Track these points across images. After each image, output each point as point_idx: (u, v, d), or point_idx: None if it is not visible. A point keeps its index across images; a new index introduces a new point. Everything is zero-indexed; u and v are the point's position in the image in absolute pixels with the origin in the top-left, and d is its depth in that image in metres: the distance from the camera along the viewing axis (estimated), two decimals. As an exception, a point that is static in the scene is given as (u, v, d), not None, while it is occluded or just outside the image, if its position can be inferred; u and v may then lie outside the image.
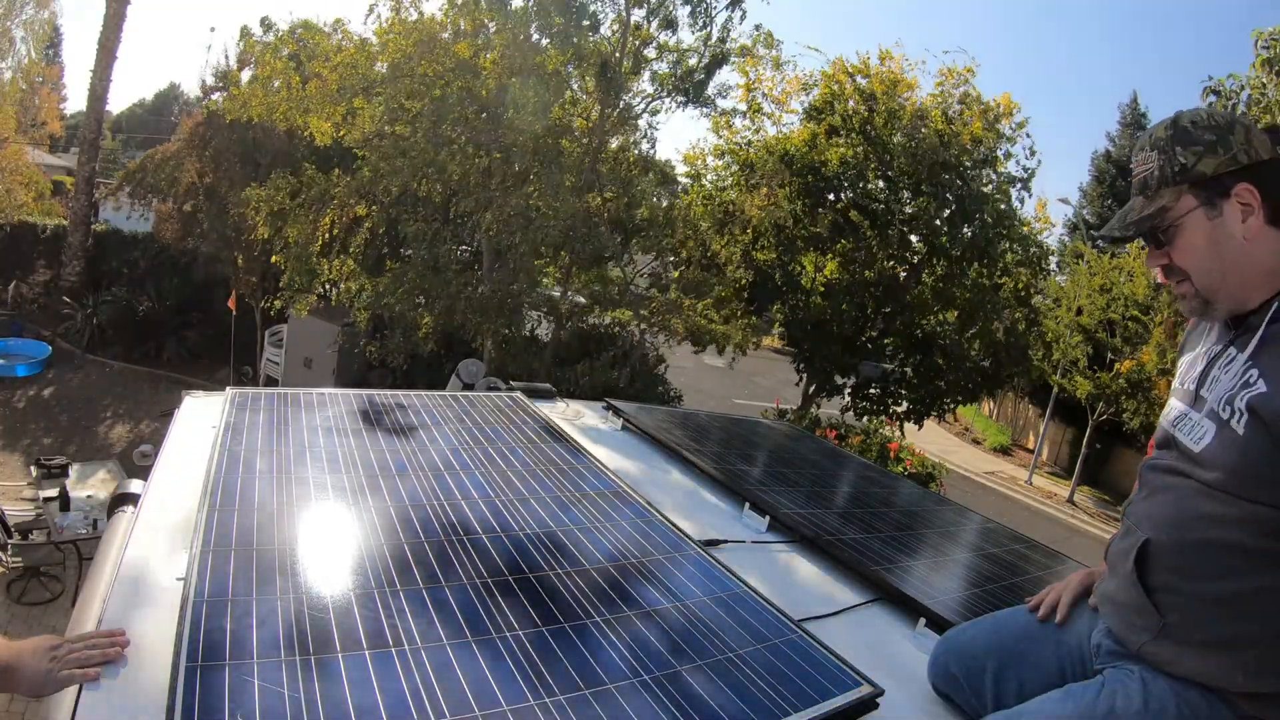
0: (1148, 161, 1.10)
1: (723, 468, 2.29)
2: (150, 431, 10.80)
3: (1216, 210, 1.04)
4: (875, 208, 9.77)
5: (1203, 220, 1.05)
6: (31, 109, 15.94)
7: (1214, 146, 1.04)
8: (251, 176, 11.04)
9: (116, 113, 31.56)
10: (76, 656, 0.95)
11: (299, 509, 1.39)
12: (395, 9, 8.65)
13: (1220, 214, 1.04)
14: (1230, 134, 1.04)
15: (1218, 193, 1.04)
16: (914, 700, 1.30)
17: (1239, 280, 1.04)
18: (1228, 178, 1.03)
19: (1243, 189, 1.02)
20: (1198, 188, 1.05)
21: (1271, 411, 0.94)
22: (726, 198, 10.30)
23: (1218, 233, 1.04)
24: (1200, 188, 1.05)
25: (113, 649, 0.97)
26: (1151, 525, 1.07)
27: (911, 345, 10.45)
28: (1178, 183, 1.07)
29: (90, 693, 0.91)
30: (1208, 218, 1.05)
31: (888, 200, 9.74)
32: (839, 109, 9.92)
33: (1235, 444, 0.98)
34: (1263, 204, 1.02)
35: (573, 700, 0.98)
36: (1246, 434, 0.97)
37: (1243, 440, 0.97)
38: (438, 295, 8.65)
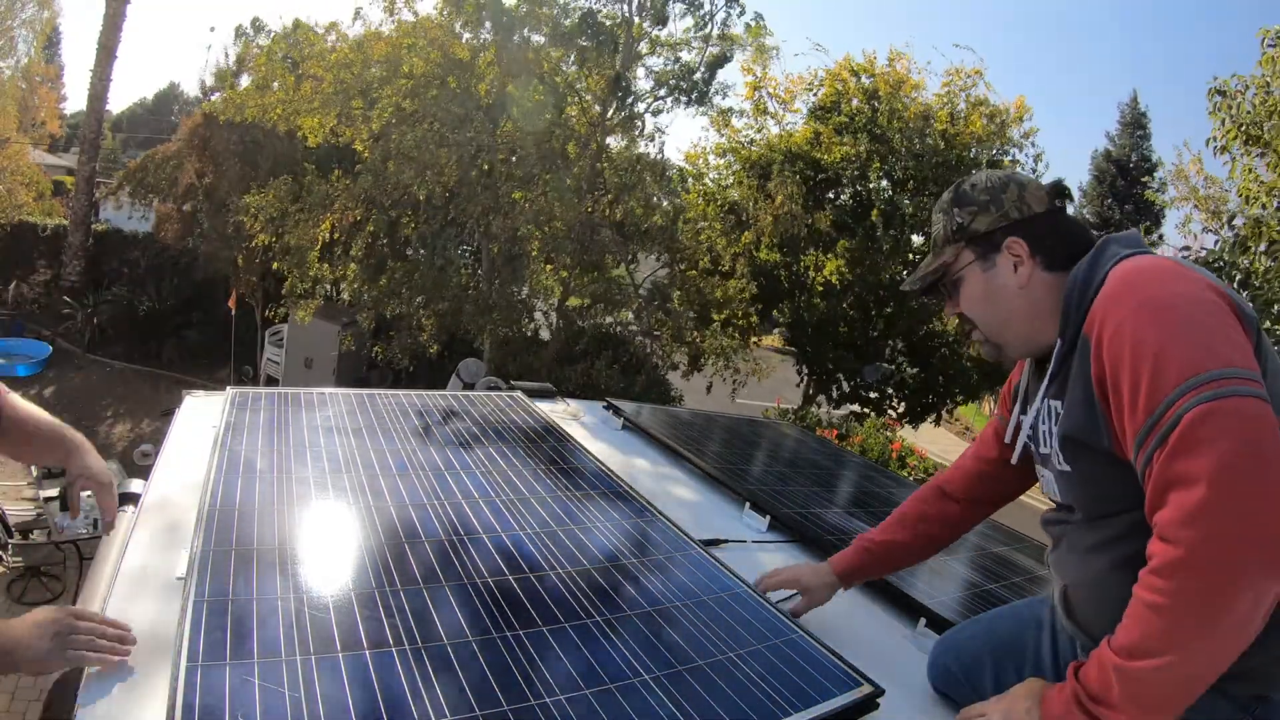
0: (935, 223, 1.21)
1: (723, 467, 2.29)
2: (150, 431, 10.81)
3: (990, 263, 1.13)
4: (879, 206, 9.76)
5: (978, 273, 1.15)
6: (32, 109, 15.93)
7: (987, 206, 1.14)
8: (251, 178, 11.04)
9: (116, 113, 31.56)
10: (83, 639, 0.94)
11: (299, 508, 1.39)
12: (389, 9, 8.65)
13: (994, 266, 1.13)
14: (1003, 193, 1.13)
15: (990, 247, 1.13)
16: (914, 700, 1.30)
17: (1022, 325, 1.13)
18: (999, 233, 1.12)
19: (1012, 242, 1.11)
20: (973, 243, 1.15)
21: (1075, 428, 1.01)
22: (729, 196, 10.29)
23: (992, 284, 1.14)
24: (975, 243, 1.14)
25: (122, 648, 0.96)
26: (1064, 573, 1.15)
27: (912, 347, 10.45)
28: (956, 240, 1.16)
29: (90, 692, 0.91)
30: (982, 270, 1.14)
31: (891, 199, 9.74)
32: (845, 109, 9.90)
33: (1070, 479, 1.08)
34: (1032, 254, 1.11)
35: (573, 700, 0.98)
36: (1071, 465, 1.06)
37: (1073, 473, 1.06)
38: (441, 297, 8.64)
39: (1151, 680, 0.86)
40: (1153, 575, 0.86)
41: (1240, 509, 0.79)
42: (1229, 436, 0.80)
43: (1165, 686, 0.86)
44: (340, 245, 9.48)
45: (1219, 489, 0.80)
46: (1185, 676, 0.85)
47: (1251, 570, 0.79)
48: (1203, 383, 0.83)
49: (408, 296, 8.88)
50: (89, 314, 13.42)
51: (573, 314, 9.85)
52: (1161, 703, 0.87)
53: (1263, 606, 0.81)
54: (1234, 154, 5.44)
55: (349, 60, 8.74)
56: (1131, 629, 0.88)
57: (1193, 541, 0.81)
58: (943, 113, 9.83)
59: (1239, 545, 0.79)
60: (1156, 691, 0.86)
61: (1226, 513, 0.80)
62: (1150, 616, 0.86)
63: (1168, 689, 0.86)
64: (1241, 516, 0.79)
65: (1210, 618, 0.82)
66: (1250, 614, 0.81)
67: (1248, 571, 0.79)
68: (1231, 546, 0.80)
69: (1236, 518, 0.79)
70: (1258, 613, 0.81)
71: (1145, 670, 0.86)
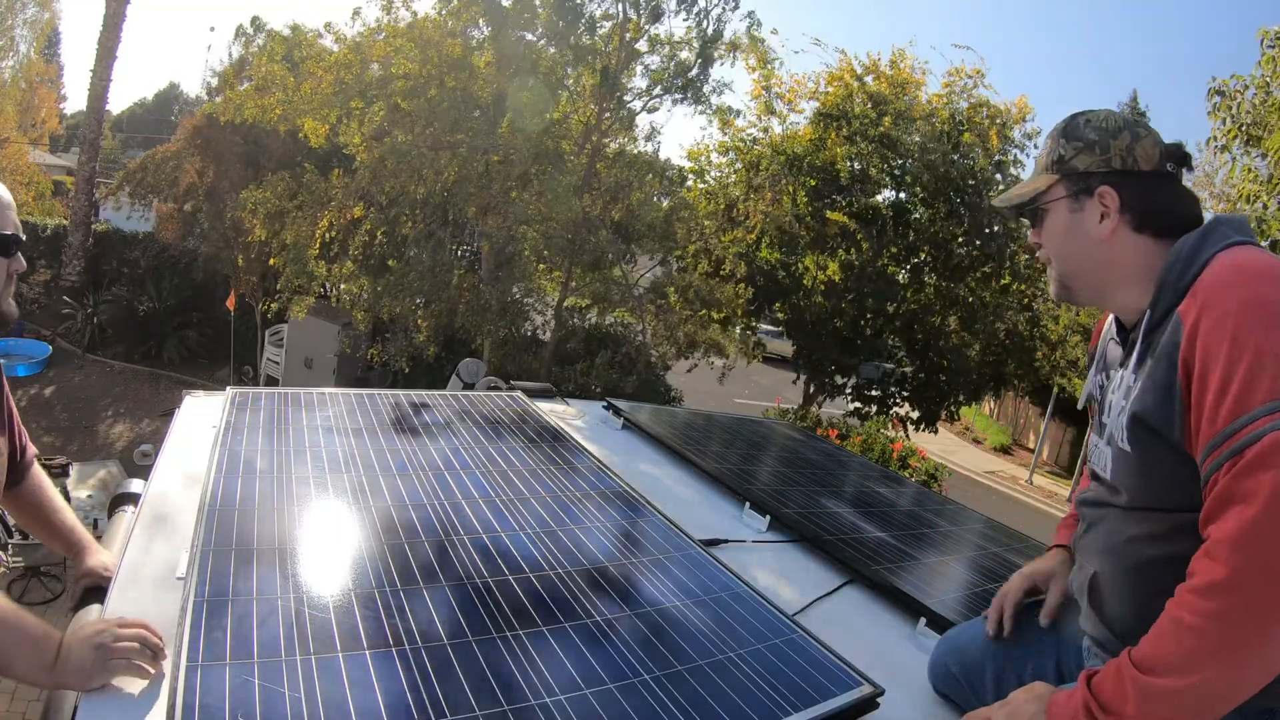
0: (1043, 147, 1.16)
1: (723, 467, 2.29)
2: (150, 431, 10.80)
3: (1079, 204, 1.09)
4: (882, 210, 9.76)
5: (1064, 210, 1.11)
6: (32, 109, 15.93)
7: (1092, 146, 1.09)
8: (252, 178, 11.04)
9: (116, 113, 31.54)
10: (124, 647, 0.93)
11: (299, 509, 1.39)
12: (386, 9, 8.65)
13: (1081, 209, 1.09)
14: (1114, 138, 1.08)
15: (1083, 189, 1.09)
16: (914, 700, 1.30)
17: (1094, 277, 1.10)
18: (1096, 177, 1.08)
19: (1104, 191, 1.07)
20: (1068, 180, 1.10)
21: (1148, 411, 0.97)
22: (731, 195, 10.29)
23: (1076, 226, 1.10)
24: (1070, 180, 1.10)
25: (156, 664, 0.95)
26: (1094, 558, 1.10)
27: (913, 346, 10.44)
28: (1053, 171, 1.12)
29: (91, 693, 0.91)
30: (1069, 209, 1.10)
31: (895, 204, 9.73)
32: (852, 112, 9.86)
33: (1128, 460, 1.02)
34: (1121, 210, 1.06)
35: (573, 700, 0.98)
36: (1133, 447, 1.00)
37: (1133, 455, 1.01)
38: (437, 297, 8.64)
39: (1169, 700, 0.83)
40: (1192, 593, 0.83)
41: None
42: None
43: (1182, 709, 0.83)
44: (338, 243, 9.48)
45: (1277, 519, 0.77)
46: (1203, 701, 0.83)
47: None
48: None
49: (403, 298, 8.87)
50: (89, 314, 13.41)
51: (570, 314, 9.84)
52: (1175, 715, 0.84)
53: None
54: (1234, 154, 5.43)
55: (348, 61, 8.73)
56: (1158, 644, 0.85)
57: (1239, 566, 0.79)
58: (944, 113, 9.81)
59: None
60: (1171, 713, 0.84)
61: (1278, 546, 0.77)
62: (1180, 634, 0.83)
63: (1184, 712, 0.83)
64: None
65: (1241, 648, 0.79)
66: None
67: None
68: (1276, 582, 0.77)
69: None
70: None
71: (1165, 689, 0.83)
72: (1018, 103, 9.99)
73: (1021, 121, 9.97)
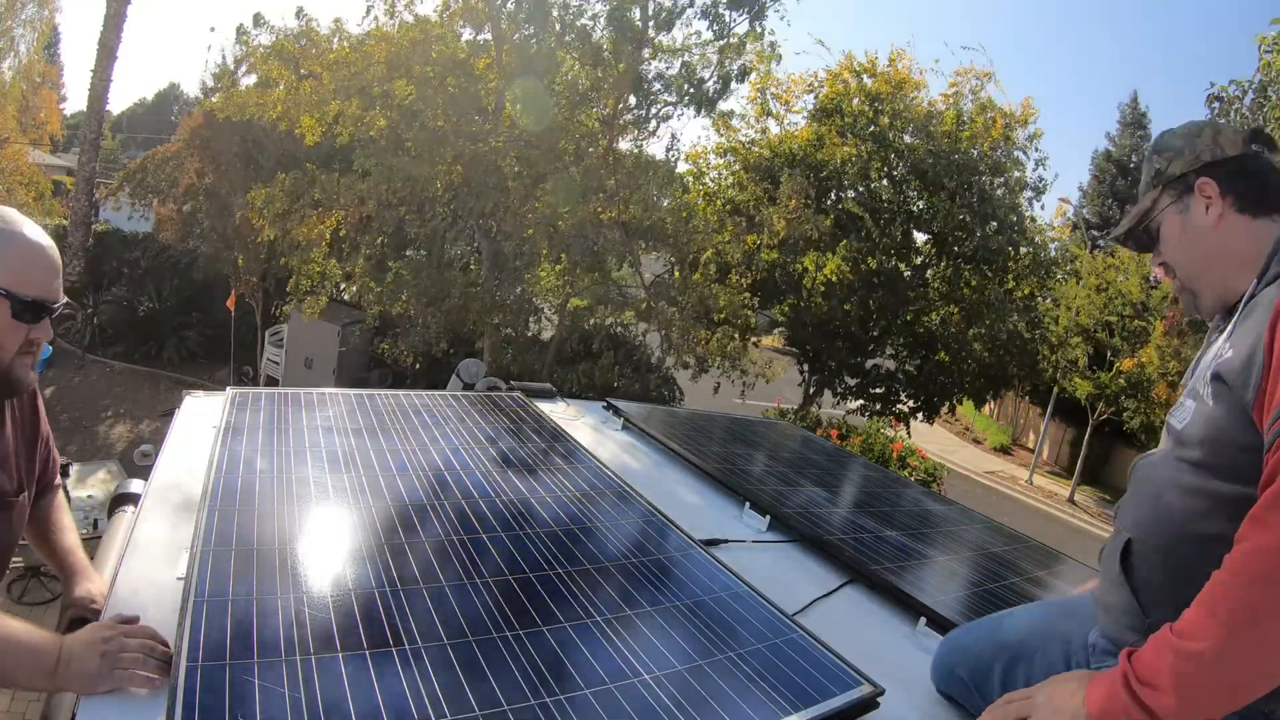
0: (1143, 172, 1.22)
1: (723, 467, 2.29)
2: (150, 431, 10.79)
3: (1184, 205, 1.14)
4: (879, 205, 9.75)
5: (1174, 216, 1.16)
6: (32, 109, 15.91)
7: (1181, 150, 1.15)
8: (252, 177, 11.03)
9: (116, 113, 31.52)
10: (130, 657, 0.92)
11: (299, 509, 1.39)
12: (389, 11, 8.64)
13: (1188, 209, 1.14)
14: (1198, 138, 1.14)
15: (1185, 189, 1.14)
16: (914, 700, 1.30)
17: (1218, 269, 1.12)
18: (1191, 174, 1.13)
19: (1203, 183, 1.12)
20: (1170, 188, 1.16)
21: (1229, 369, 0.98)
22: (730, 196, 10.28)
23: (1187, 225, 1.14)
24: (1172, 187, 1.16)
25: (161, 673, 0.92)
26: (1133, 524, 1.11)
27: (915, 343, 10.44)
28: (1154, 186, 1.19)
29: (90, 694, 0.91)
30: (1177, 213, 1.15)
31: (892, 198, 9.72)
32: (846, 109, 9.87)
33: (1206, 414, 1.03)
34: (1223, 194, 1.10)
35: (573, 699, 0.98)
36: (1214, 402, 1.01)
37: (1211, 409, 1.01)
38: (444, 296, 8.62)
39: (1206, 667, 0.83)
40: (1237, 558, 0.84)
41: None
42: None
43: (1219, 677, 0.83)
44: (348, 242, 9.46)
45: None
46: (1240, 671, 0.82)
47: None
48: None
49: (410, 297, 8.86)
50: (89, 314, 13.41)
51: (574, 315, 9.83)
52: (1206, 696, 0.84)
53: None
54: None
55: (349, 59, 8.72)
56: (1198, 610, 0.86)
57: (1277, 527, 0.80)
58: (949, 113, 9.81)
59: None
60: (1207, 679, 0.83)
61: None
62: (1220, 599, 0.84)
63: (1221, 681, 0.83)
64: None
65: (1269, 610, 0.80)
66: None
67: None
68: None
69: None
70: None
71: (1201, 653, 0.83)
72: (1023, 104, 9.99)
73: (1025, 124, 9.96)
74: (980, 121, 9.72)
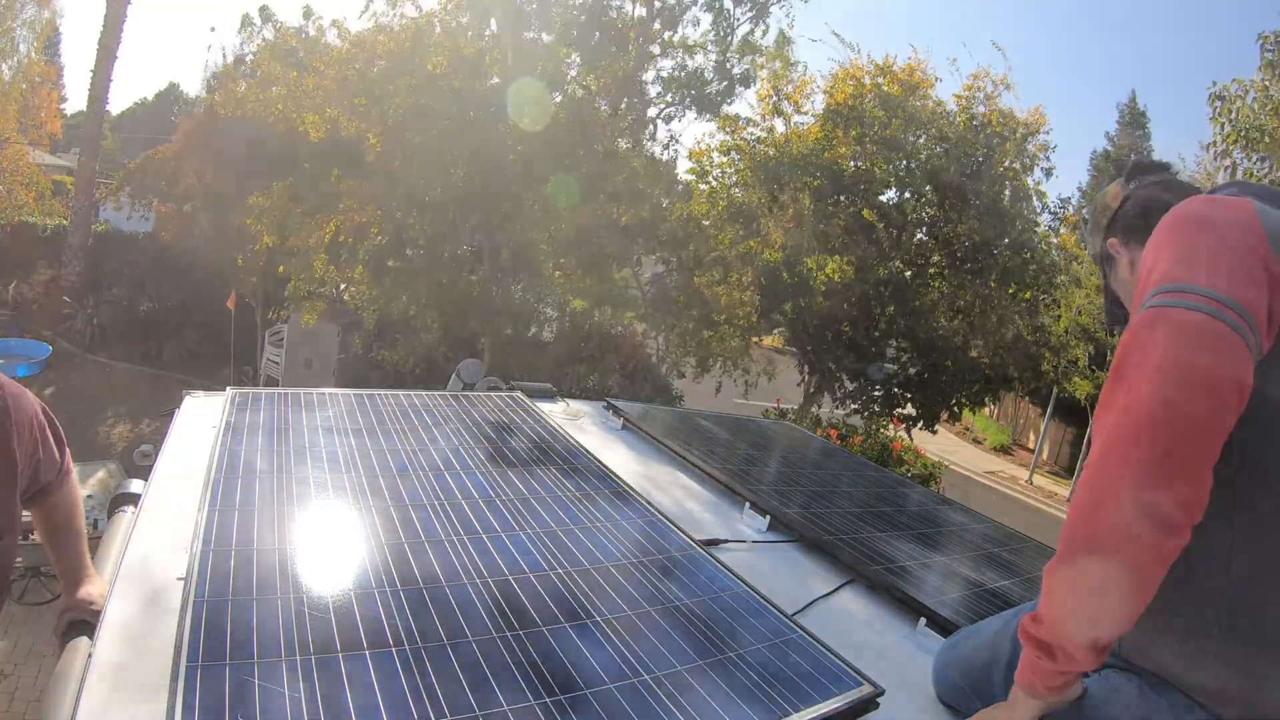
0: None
1: (723, 467, 2.29)
2: (150, 431, 10.80)
3: (1113, 269, 1.25)
4: (889, 210, 9.75)
5: (1115, 284, 1.26)
6: (32, 109, 15.91)
7: (1092, 231, 1.26)
8: (253, 176, 11.03)
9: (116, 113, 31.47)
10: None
11: (299, 509, 1.39)
12: (392, 3, 8.64)
13: (1116, 272, 1.24)
14: (1093, 213, 1.25)
15: (1107, 257, 1.25)
16: (914, 700, 1.30)
17: None
18: (1103, 244, 1.24)
19: (1109, 244, 1.22)
20: (1103, 264, 1.27)
21: None
22: (734, 197, 10.27)
23: (1124, 286, 1.23)
24: (1103, 263, 1.27)
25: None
26: None
27: (917, 347, 10.43)
28: (1098, 265, 1.31)
29: (90, 693, 0.91)
30: (1113, 282, 1.26)
31: (902, 203, 9.72)
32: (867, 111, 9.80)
33: None
34: (1125, 244, 1.19)
35: (573, 700, 0.98)
36: None
37: None
38: (447, 299, 8.62)
39: (1059, 582, 0.88)
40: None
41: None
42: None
43: (1069, 588, 0.87)
44: (346, 247, 9.46)
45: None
46: (1084, 578, 0.85)
47: (1126, 471, 0.82)
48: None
49: (409, 298, 8.85)
50: (89, 314, 13.41)
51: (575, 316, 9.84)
52: (1070, 610, 0.87)
53: (1151, 518, 0.80)
54: (1235, 158, 5.44)
55: (351, 55, 8.72)
56: None
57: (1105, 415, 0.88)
58: (963, 117, 9.79)
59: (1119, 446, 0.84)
60: (1063, 596, 0.88)
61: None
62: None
63: (1069, 591, 0.87)
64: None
65: (1095, 511, 0.83)
66: (1133, 520, 0.80)
67: (1124, 470, 0.82)
68: (1112, 453, 0.84)
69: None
70: (1144, 523, 0.80)
71: (1055, 569, 0.88)
72: (1032, 113, 9.96)
73: (1036, 133, 9.93)
74: (999, 129, 9.68)
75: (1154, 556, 0.82)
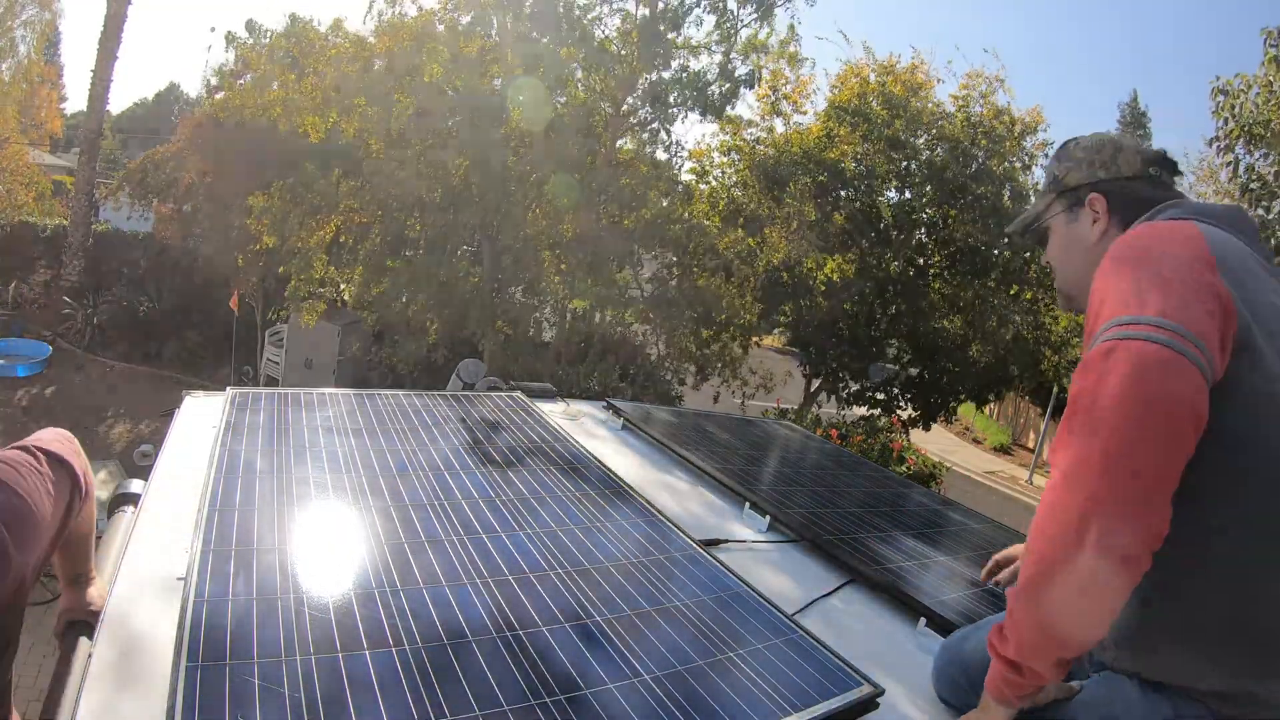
0: (1045, 173, 1.29)
1: (723, 467, 2.29)
2: (150, 431, 10.80)
3: (1074, 216, 1.21)
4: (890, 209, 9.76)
5: (1062, 224, 1.22)
6: (32, 109, 15.91)
7: (1080, 162, 1.20)
8: (253, 176, 11.02)
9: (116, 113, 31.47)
10: None
11: (299, 509, 1.39)
12: (391, 2, 8.63)
13: (1077, 220, 1.20)
14: (1098, 152, 1.19)
15: (1076, 201, 1.20)
16: (914, 700, 1.30)
17: (1089, 279, 1.16)
18: (1085, 188, 1.19)
19: (1094, 198, 1.18)
20: (1063, 196, 1.22)
21: None
22: (734, 196, 10.26)
23: (1072, 235, 1.21)
24: (1065, 196, 1.22)
25: None
26: None
27: (918, 347, 10.44)
28: (1050, 191, 1.25)
29: (90, 693, 0.91)
30: (1066, 223, 1.22)
31: (903, 203, 9.73)
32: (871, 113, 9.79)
33: None
34: (1110, 211, 1.16)
35: (573, 700, 0.98)
36: None
37: None
38: (447, 300, 8.61)
39: (1023, 609, 0.90)
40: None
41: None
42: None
43: (1032, 617, 0.89)
44: (346, 247, 9.45)
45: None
46: (1046, 608, 0.87)
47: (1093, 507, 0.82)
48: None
49: (409, 299, 8.84)
50: (89, 314, 13.41)
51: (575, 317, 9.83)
52: (1035, 636, 0.89)
53: (1110, 552, 0.81)
54: (1238, 153, 5.44)
55: (351, 55, 8.71)
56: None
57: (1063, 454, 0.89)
58: (960, 116, 9.80)
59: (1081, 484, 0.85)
60: (1027, 623, 0.90)
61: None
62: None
63: (1033, 619, 0.89)
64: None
65: (1055, 545, 0.85)
66: (1093, 555, 0.81)
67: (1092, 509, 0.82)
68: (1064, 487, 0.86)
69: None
70: (1104, 557, 0.81)
71: (1019, 596, 0.90)
72: (1030, 112, 9.98)
73: (1034, 132, 9.96)
74: (999, 127, 9.68)
75: (1114, 588, 0.84)
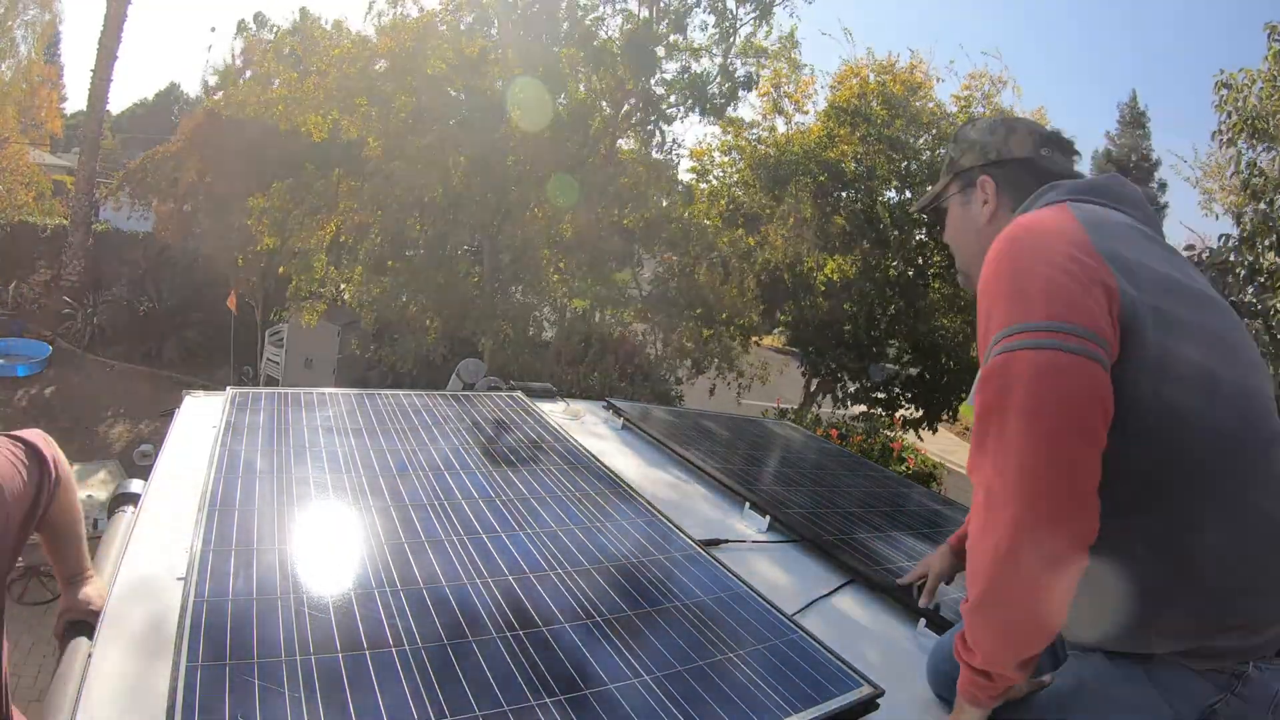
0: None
1: (723, 467, 2.29)
2: (150, 431, 10.80)
3: (967, 198, 1.22)
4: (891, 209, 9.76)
5: (957, 205, 1.24)
6: (32, 109, 15.91)
7: (974, 145, 1.21)
8: (253, 176, 11.02)
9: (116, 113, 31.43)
10: None
11: (299, 509, 1.39)
12: (393, 2, 8.63)
13: (969, 201, 1.21)
14: (991, 134, 1.20)
15: (968, 183, 1.21)
16: (914, 700, 1.30)
17: (980, 259, 1.16)
18: (976, 170, 1.20)
19: (984, 180, 1.18)
20: (958, 178, 1.23)
21: None
22: (735, 195, 10.26)
23: (965, 216, 1.22)
24: (960, 178, 1.23)
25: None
26: None
27: (918, 347, 10.44)
28: (948, 173, 1.26)
29: (90, 693, 0.91)
30: (960, 204, 1.23)
31: (903, 202, 9.73)
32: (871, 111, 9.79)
33: None
34: (999, 193, 1.17)
35: (573, 700, 0.98)
36: None
37: None
38: (446, 300, 8.61)
39: (977, 625, 0.92)
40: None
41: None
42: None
43: (986, 631, 0.92)
44: (346, 247, 9.44)
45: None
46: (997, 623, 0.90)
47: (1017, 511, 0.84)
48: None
49: (409, 298, 8.84)
50: (88, 314, 13.41)
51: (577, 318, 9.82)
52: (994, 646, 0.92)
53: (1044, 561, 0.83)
54: (1240, 148, 5.44)
55: (353, 55, 8.71)
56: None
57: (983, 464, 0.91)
58: (962, 116, 9.80)
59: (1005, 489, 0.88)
60: (984, 637, 0.92)
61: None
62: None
63: (988, 633, 0.92)
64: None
65: (991, 564, 0.86)
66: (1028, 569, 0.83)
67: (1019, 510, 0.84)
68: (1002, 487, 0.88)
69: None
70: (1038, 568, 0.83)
71: (971, 613, 0.92)
72: (1034, 114, 9.98)
73: None
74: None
75: (1059, 588, 0.85)
